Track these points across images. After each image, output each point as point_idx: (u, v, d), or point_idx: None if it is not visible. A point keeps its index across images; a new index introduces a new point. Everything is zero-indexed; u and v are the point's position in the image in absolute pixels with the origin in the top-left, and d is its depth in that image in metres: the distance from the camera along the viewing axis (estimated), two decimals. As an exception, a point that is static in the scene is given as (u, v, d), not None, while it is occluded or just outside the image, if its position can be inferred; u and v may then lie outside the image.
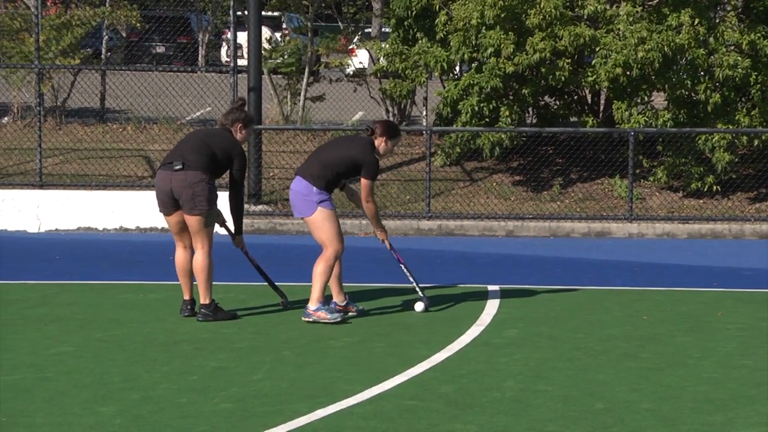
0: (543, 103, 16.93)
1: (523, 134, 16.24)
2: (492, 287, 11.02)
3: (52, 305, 10.14)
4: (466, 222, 15.16)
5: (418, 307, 9.87)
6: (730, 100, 15.85)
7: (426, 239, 14.70)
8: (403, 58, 16.36)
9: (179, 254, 9.53)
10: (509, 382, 7.79)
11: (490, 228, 15.07)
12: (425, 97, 17.99)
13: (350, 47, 20.44)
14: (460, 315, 9.84)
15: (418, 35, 16.52)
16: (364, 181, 9.43)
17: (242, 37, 16.52)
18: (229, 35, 16.52)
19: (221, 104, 17.18)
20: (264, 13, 17.81)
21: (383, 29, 20.66)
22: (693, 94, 15.96)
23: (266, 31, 19.25)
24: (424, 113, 18.17)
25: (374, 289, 10.24)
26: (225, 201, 9.43)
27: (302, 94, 18.32)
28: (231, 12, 16.00)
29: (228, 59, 19.63)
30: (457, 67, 17.02)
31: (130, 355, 8.42)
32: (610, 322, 9.72)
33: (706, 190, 15.92)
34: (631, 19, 15.46)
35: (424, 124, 17.74)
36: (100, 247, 13.70)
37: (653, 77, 15.62)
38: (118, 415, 6.95)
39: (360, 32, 21.31)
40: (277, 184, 15.81)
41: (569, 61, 15.65)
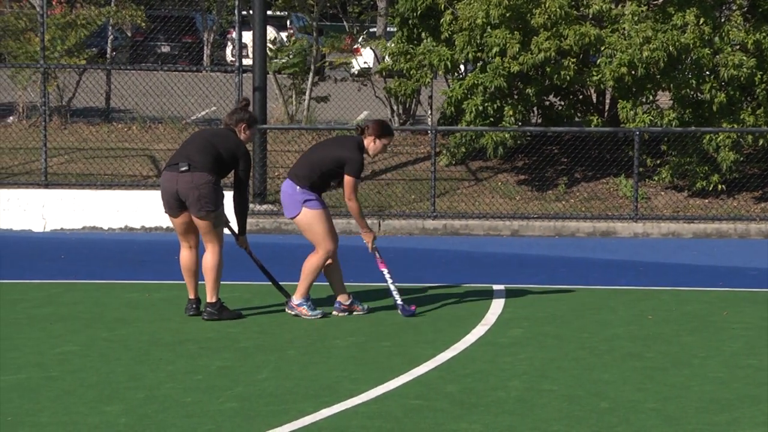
0: (548, 103, 16.92)
1: (528, 134, 16.24)
2: (497, 287, 11.02)
3: (57, 305, 10.15)
4: (471, 221, 15.15)
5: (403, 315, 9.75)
6: (735, 99, 15.84)
7: (431, 239, 14.70)
8: (408, 57, 16.36)
9: (184, 254, 9.55)
10: (514, 381, 7.79)
11: (495, 227, 15.07)
12: (430, 96, 17.99)
13: (355, 47, 20.45)
14: (465, 314, 9.83)
15: (423, 35, 16.52)
16: (346, 178, 9.44)
17: (247, 37, 16.53)
18: (234, 35, 16.53)
19: (226, 104, 17.19)
20: (269, 12, 17.82)
21: (388, 29, 20.66)
22: (698, 94, 15.95)
23: (271, 31, 19.26)
24: (429, 113, 18.16)
25: (379, 288, 10.24)
26: (229, 201, 9.44)
27: (307, 93, 18.33)
28: (236, 11, 16.00)
29: (233, 59, 19.62)
30: (462, 67, 17.02)
31: (135, 354, 8.43)
32: (615, 321, 9.72)
33: (711, 189, 15.91)
34: (636, 18, 15.45)
35: (429, 124, 17.73)
36: (105, 246, 13.71)
37: (658, 77, 15.61)
38: (123, 414, 6.96)
39: (365, 32, 21.32)
40: (282, 183, 15.77)
41: (574, 60, 15.64)
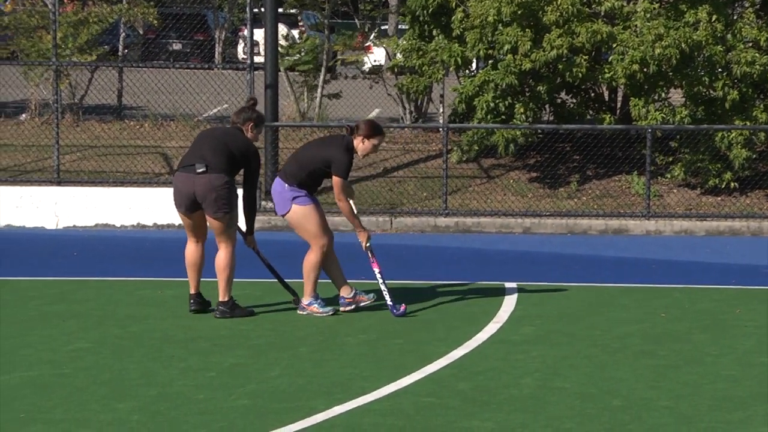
0: (560, 100, 16.89)
1: (540, 131, 16.21)
2: (509, 284, 11.01)
3: (69, 302, 10.17)
4: (483, 219, 15.14)
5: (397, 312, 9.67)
6: (748, 96, 15.80)
7: (443, 236, 14.69)
8: (420, 54, 16.35)
9: (190, 248, 9.53)
10: (526, 379, 7.78)
11: (507, 225, 15.05)
12: (442, 94, 17.97)
13: (366, 44, 20.44)
14: (478, 312, 9.83)
15: (435, 32, 16.50)
16: (334, 179, 9.46)
17: (259, 34, 16.53)
18: (246, 32, 16.53)
19: (238, 101, 17.20)
20: (280, 10, 17.82)
21: (399, 26, 20.65)
22: (710, 91, 15.91)
23: (283, 29, 19.25)
24: (441, 110, 18.15)
25: (391, 286, 10.22)
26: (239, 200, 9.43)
27: (319, 91, 18.33)
28: (248, 9, 16.00)
29: (245, 56, 19.63)
30: (474, 64, 17.00)
31: (147, 351, 8.44)
32: (628, 319, 9.70)
33: (723, 187, 15.87)
34: (648, 15, 15.42)
35: (441, 121, 17.72)
36: (117, 243, 13.73)
37: (670, 74, 15.58)
38: (135, 412, 6.97)
39: (376, 29, 21.31)
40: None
41: (586, 57, 15.61)
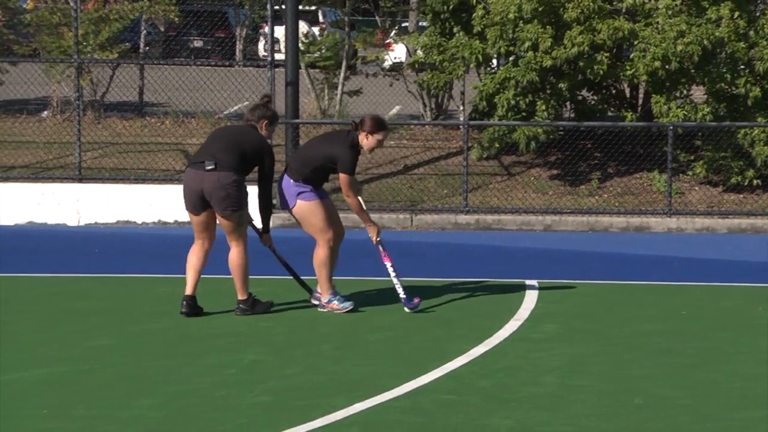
0: (581, 97, 16.85)
1: (561, 128, 16.17)
2: (530, 282, 10.98)
3: (90, 298, 10.19)
4: (504, 216, 15.11)
5: (407, 309, 9.63)
6: (771, 93, 15.72)
7: (463, 234, 14.66)
8: (441, 50, 16.33)
9: (195, 250, 9.42)
10: (547, 377, 7.76)
11: (528, 222, 15.02)
12: (462, 91, 17.95)
13: (387, 41, 20.43)
14: (498, 310, 9.81)
15: (455, 29, 16.47)
16: (341, 176, 9.45)
17: (279, 32, 16.54)
18: (267, 29, 16.55)
19: (259, 98, 17.20)
20: (301, 7, 17.83)
21: (420, 23, 20.63)
22: (733, 88, 15.83)
23: (303, 26, 19.27)
24: (461, 107, 18.13)
25: (411, 284, 10.22)
26: (253, 198, 9.41)
27: (339, 88, 18.33)
28: (268, 6, 16.03)
29: (265, 53, 19.65)
30: (495, 61, 16.96)
31: (168, 348, 8.46)
32: (649, 317, 9.67)
33: (746, 184, 15.80)
34: (670, 12, 15.35)
35: (461, 119, 17.70)
36: (138, 240, 13.76)
37: (692, 71, 15.52)
38: (155, 408, 6.98)
39: (397, 26, 21.30)
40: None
41: (607, 54, 15.56)
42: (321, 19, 29.04)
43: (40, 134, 17.13)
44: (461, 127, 16.45)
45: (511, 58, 15.98)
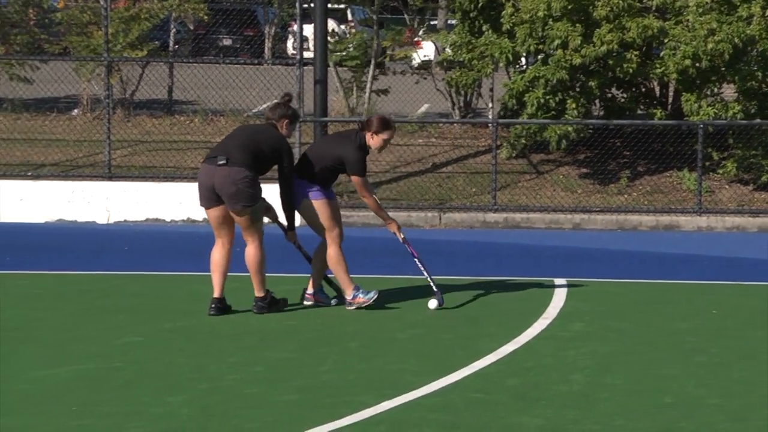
0: (610, 96, 16.79)
1: (590, 126, 16.12)
2: (559, 280, 10.96)
3: (120, 296, 10.24)
4: (533, 215, 15.09)
5: (432, 304, 9.61)
6: (802, 91, 15.64)
7: (492, 232, 14.64)
8: (470, 48, 16.30)
9: (216, 250, 9.45)
10: (576, 375, 7.74)
11: (557, 221, 14.99)
12: (491, 89, 17.91)
13: (416, 39, 20.40)
14: (527, 308, 9.79)
15: (484, 27, 16.44)
16: (353, 179, 9.53)
17: (308, 30, 16.56)
18: (296, 28, 16.57)
19: (280, 97, 17.22)
20: (330, 5, 17.84)
21: (449, 22, 20.60)
22: (763, 86, 15.74)
23: (332, 24, 19.28)
24: (490, 105, 18.10)
25: (440, 282, 10.20)
26: (277, 196, 9.42)
27: (368, 86, 18.33)
28: (297, 4, 16.04)
29: (294, 52, 19.67)
30: (523, 59, 16.92)
31: (197, 345, 8.49)
32: (679, 316, 9.63)
33: (777, 182, 15.72)
34: (700, 10, 15.28)
35: (490, 117, 17.67)
36: (167, 238, 13.81)
37: (723, 69, 15.44)
38: (185, 405, 7.00)
39: (425, 24, 21.28)
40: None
41: (637, 53, 15.51)
42: (350, 17, 29.05)
43: (70, 132, 17.21)
44: (490, 125, 16.42)
45: (540, 57, 15.94)
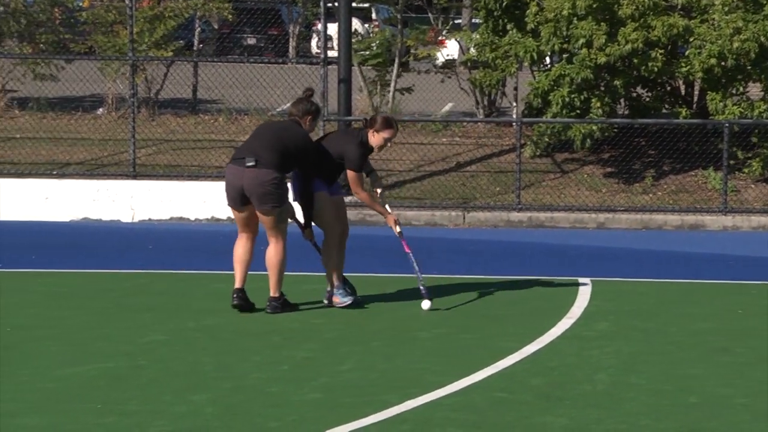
0: (635, 95, 16.73)
1: (615, 126, 16.07)
2: (583, 280, 10.93)
3: (145, 294, 10.27)
4: (557, 214, 15.05)
5: (425, 305, 9.53)
6: (829, 90, 15.53)
7: (516, 231, 14.62)
8: (494, 48, 16.27)
9: (240, 243, 9.48)
10: (600, 375, 7.72)
11: (581, 220, 14.95)
12: (515, 88, 17.88)
13: (440, 38, 20.38)
14: (551, 307, 9.77)
15: (508, 26, 16.41)
16: (348, 173, 9.51)
17: (332, 29, 16.57)
18: (320, 27, 16.58)
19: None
20: (354, 4, 17.84)
21: (473, 20, 20.57)
22: (790, 85, 15.67)
23: (356, 23, 19.28)
24: (514, 104, 18.07)
25: (464, 281, 10.21)
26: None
27: (392, 85, 18.33)
28: (321, 3, 16.05)
29: (318, 51, 19.69)
30: (548, 58, 16.88)
31: (221, 344, 8.50)
32: (704, 315, 9.59)
33: (803, 182, 15.64)
34: (726, 8, 15.21)
35: (514, 116, 17.64)
36: (192, 236, 13.84)
37: (748, 68, 15.36)
38: (209, 404, 7.01)
39: (450, 23, 21.26)
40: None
41: (662, 51, 15.45)
42: (374, 16, 29.05)
43: (95, 131, 17.28)
44: (514, 124, 16.38)
45: (564, 56, 15.90)
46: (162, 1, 18.47)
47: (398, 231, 9.71)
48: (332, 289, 9.65)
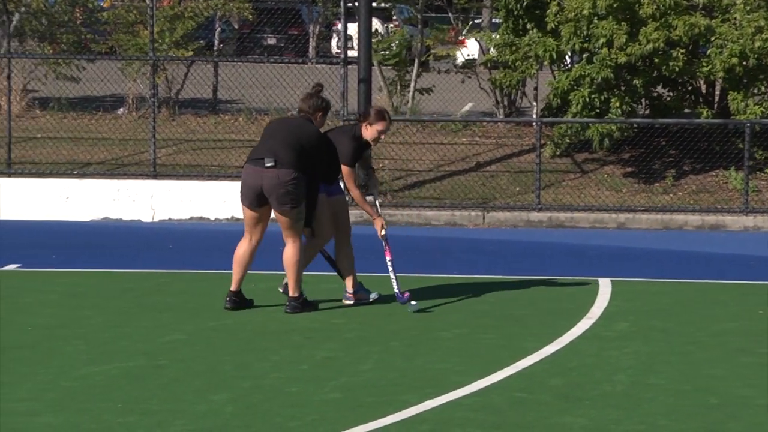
0: (656, 94, 16.69)
1: (635, 125, 16.03)
2: (603, 280, 10.90)
3: (165, 294, 10.30)
4: (577, 214, 15.02)
5: (411, 308, 9.49)
6: None
7: (536, 231, 14.60)
8: (514, 48, 16.25)
9: (243, 245, 9.45)
10: (620, 375, 7.70)
11: (601, 220, 14.91)
12: (535, 88, 17.85)
13: (460, 38, 20.36)
14: (571, 308, 9.75)
15: (529, 26, 16.39)
16: (342, 168, 9.49)
17: (352, 29, 16.57)
18: (340, 26, 16.58)
19: (331, 95, 17.22)
20: (374, 4, 17.84)
21: (493, 20, 20.55)
22: (812, 85, 15.60)
23: (376, 23, 19.27)
24: (534, 104, 18.04)
25: (482, 281, 10.20)
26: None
27: (411, 85, 18.32)
28: (341, 3, 16.05)
29: (338, 51, 19.70)
30: (568, 58, 16.85)
31: (241, 343, 8.51)
32: (725, 316, 9.56)
33: (824, 182, 15.56)
34: (748, 7, 15.16)
35: (534, 116, 17.61)
36: (212, 236, 13.87)
37: (771, 67, 15.31)
38: (229, 403, 7.03)
39: (470, 23, 21.24)
40: (387, 175, 15.81)
41: (683, 51, 15.40)
42: (394, 16, 29.03)
43: (115, 131, 17.33)
44: (534, 124, 16.36)
45: (585, 55, 15.86)
46: (182, 1, 18.51)
47: (382, 234, 9.69)
48: (351, 290, 9.65)
